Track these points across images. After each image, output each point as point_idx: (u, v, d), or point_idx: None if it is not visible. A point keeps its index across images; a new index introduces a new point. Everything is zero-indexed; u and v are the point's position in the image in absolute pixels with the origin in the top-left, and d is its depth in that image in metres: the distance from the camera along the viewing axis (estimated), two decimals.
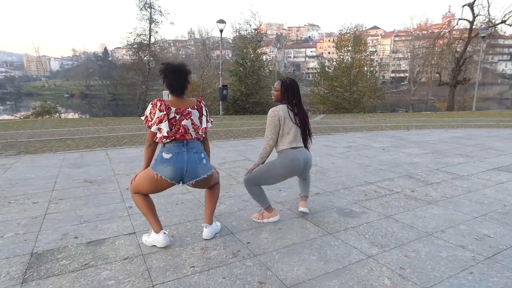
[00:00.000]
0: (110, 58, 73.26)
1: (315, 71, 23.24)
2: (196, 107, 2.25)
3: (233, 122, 11.79)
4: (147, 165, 2.26)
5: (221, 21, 14.28)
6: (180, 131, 2.16)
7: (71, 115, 31.57)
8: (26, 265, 2.10)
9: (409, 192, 3.57)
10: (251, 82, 18.83)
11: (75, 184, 3.90)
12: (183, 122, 2.17)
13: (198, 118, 2.26)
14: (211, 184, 2.44)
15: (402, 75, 68.50)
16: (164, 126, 2.12)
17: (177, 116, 2.16)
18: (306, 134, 2.72)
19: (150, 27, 27.93)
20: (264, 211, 2.76)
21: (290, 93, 2.64)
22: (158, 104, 2.12)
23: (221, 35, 14.98)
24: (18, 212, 3.01)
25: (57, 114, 18.75)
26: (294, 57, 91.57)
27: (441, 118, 14.07)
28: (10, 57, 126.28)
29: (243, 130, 9.32)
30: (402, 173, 4.40)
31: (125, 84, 31.81)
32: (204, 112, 2.31)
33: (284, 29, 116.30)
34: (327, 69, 23.04)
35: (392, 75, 72.61)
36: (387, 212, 3.00)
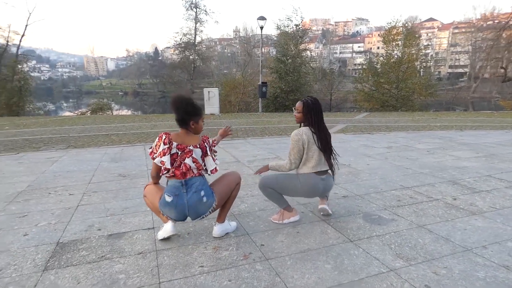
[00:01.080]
0: (160, 58, 77.04)
1: (365, 67, 22.08)
2: (199, 146, 2.21)
3: (270, 120, 11.70)
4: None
5: (262, 18, 14.25)
6: (182, 168, 2.14)
7: (124, 112, 33.76)
8: (51, 253, 2.23)
9: (450, 200, 3.23)
10: (291, 79, 18.54)
11: (110, 178, 4.11)
12: (185, 160, 2.14)
13: (201, 157, 2.22)
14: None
15: (461, 70, 63.00)
16: (166, 159, 2.11)
17: (179, 152, 2.15)
18: (330, 157, 2.60)
19: (195, 26, 28.82)
20: (284, 211, 2.66)
21: (314, 114, 2.53)
22: (163, 137, 2.14)
23: (261, 32, 14.96)
24: (55, 203, 3.23)
25: (109, 111, 20.12)
26: (340, 52, 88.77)
27: (503, 118, 12.69)
28: (73, 58, 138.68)
29: (280, 127, 9.20)
30: (445, 178, 4.00)
31: (171, 82, 33.22)
32: (209, 152, 2.25)
33: (331, 24, 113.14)
34: (375, 65, 21.84)
35: (450, 70, 67.12)
36: (420, 221, 2.72)
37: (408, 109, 19.03)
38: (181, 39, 29.03)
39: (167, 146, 2.13)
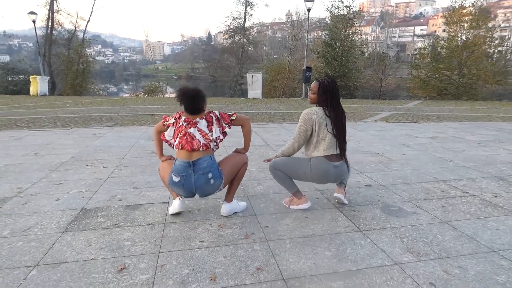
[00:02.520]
0: (212, 42, 78.75)
1: (423, 51, 20.20)
2: (204, 117, 2.28)
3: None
4: (160, 153, 2.55)
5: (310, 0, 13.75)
6: (187, 137, 2.22)
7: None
8: (73, 218, 2.45)
9: (489, 197, 2.90)
10: (338, 64, 17.76)
11: (143, 154, 4.36)
12: (189, 130, 2.23)
13: (207, 127, 2.26)
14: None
15: None
16: (170, 130, 2.33)
17: (185, 124, 2.26)
18: (343, 142, 2.47)
19: (245, 10, 28.75)
20: (293, 197, 2.60)
21: (329, 95, 2.40)
22: (176, 114, 2.35)
23: (308, 14, 14.46)
24: (89, 174, 3.52)
25: (160, 93, 21.19)
26: (399, 36, 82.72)
27: None
28: (133, 43, 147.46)
29: None
30: (491, 173, 3.59)
31: (220, 67, 33.79)
32: (215, 121, 2.29)
33: (391, 5, 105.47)
34: (438, 49, 19.74)
35: None
36: (446, 216, 2.49)
37: (470, 98, 17.22)
38: (230, 23, 29.29)
39: (177, 119, 2.30)
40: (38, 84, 15.68)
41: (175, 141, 2.29)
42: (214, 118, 2.29)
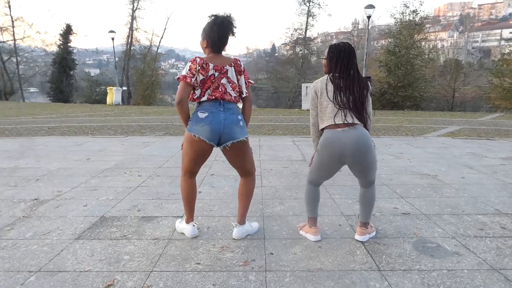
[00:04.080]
0: (276, 54, 79.97)
1: (507, 57, 17.62)
2: (233, 65, 2.14)
3: None
4: (186, 122, 2.17)
5: (370, 6, 13.01)
6: (220, 89, 2.09)
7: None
8: (91, 225, 2.54)
9: None
10: (402, 73, 16.42)
11: (178, 164, 4.43)
12: (222, 81, 2.09)
13: (235, 77, 2.14)
14: (246, 162, 2.24)
15: None
16: (201, 81, 2.06)
17: (216, 74, 2.09)
18: (352, 110, 2.05)
19: (307, 20, 28.62)
20: (307, 222, 2.34)
21: (338, 59, 2.07)
22: (198, 60, 2.07)
23: (368, 21, 13.71)
24: (123, 181, 3.68)
25: None
26: (482, 41, 74.13)
27: None
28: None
29: (374, 127, 8.27)
30: None
31: (281, 78, 34.02)
32: (242, 71, 2.18)
33: (472, 8, 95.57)
34: None
35: None
36: (498, 262, 2.00)
37: None
38: (292, 34, 29.40)
39: (204, 67, 2.05)
40: (114, 95, 17.49)
41: (203, 95, 2.05)
42: (242, 67, 2.18)
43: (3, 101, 23.62)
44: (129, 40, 29.38)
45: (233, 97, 2.13)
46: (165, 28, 30.09)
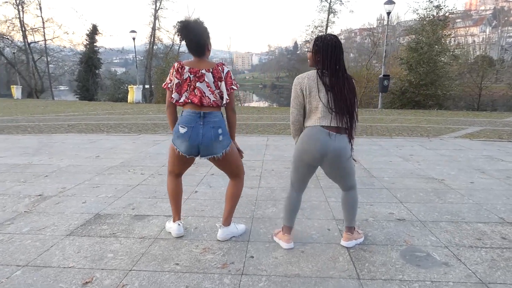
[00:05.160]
0: (298, 52, 79.33)
1: None
2: (211, 70, 2.10)
3: (384, 117, 10.34)
4: (172, 126, 2.25)
5: (389, 2, 12.56)
6: (196, 92, 2.08)
7: (262, 104, 36.75)
8: (84, 222, 2.62)
9: None
10: (424, 71, 15.75)
11: None
12: (197, 84, 2.08)
13: (213, 83, 2.10)
14: (232, 168, 2.26)
15: None
16: (175, 83, 2.11)
17: (191, 76, 2.09)
18: (344, 115, 1.96)
19: (328, 17, 28.14)
20: (282, 229, 2.27)
21: (324, 54, 1.93)
22: (176, 65, 2.12)
23: (387, 18, 13.24)
24: (125, 179, 3.77)
25: (239, 102, 22.11)
26: None
27: None
28: (225, 55, 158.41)
29: (389, 127, 8.03)
30: None
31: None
32: (223, 77, 2.12)
33: (507, 1, 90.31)
34: None
35: None
36: (489, 275, 1.88)
37: None
38: (312, 31, 28.97)
39: (179, 71, 2.09)
40: (134, 93, 17.97)
41: (181, 97, 2.11)
42: (222, 73, 2.11)
43: (34, 99, 24.86)
44: (152, 40, 30.09)
45: (211, 101, 2.10)
46: None
